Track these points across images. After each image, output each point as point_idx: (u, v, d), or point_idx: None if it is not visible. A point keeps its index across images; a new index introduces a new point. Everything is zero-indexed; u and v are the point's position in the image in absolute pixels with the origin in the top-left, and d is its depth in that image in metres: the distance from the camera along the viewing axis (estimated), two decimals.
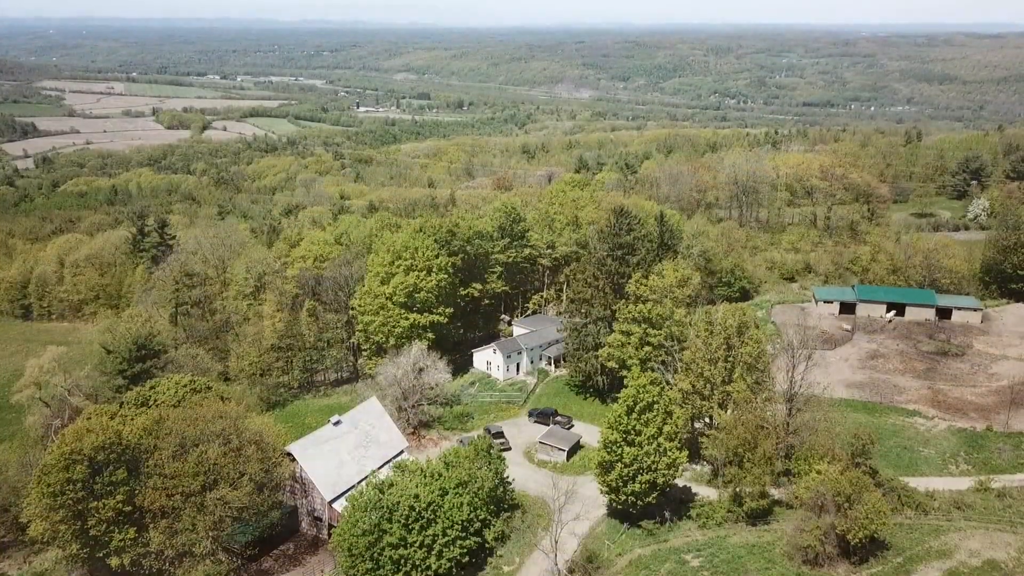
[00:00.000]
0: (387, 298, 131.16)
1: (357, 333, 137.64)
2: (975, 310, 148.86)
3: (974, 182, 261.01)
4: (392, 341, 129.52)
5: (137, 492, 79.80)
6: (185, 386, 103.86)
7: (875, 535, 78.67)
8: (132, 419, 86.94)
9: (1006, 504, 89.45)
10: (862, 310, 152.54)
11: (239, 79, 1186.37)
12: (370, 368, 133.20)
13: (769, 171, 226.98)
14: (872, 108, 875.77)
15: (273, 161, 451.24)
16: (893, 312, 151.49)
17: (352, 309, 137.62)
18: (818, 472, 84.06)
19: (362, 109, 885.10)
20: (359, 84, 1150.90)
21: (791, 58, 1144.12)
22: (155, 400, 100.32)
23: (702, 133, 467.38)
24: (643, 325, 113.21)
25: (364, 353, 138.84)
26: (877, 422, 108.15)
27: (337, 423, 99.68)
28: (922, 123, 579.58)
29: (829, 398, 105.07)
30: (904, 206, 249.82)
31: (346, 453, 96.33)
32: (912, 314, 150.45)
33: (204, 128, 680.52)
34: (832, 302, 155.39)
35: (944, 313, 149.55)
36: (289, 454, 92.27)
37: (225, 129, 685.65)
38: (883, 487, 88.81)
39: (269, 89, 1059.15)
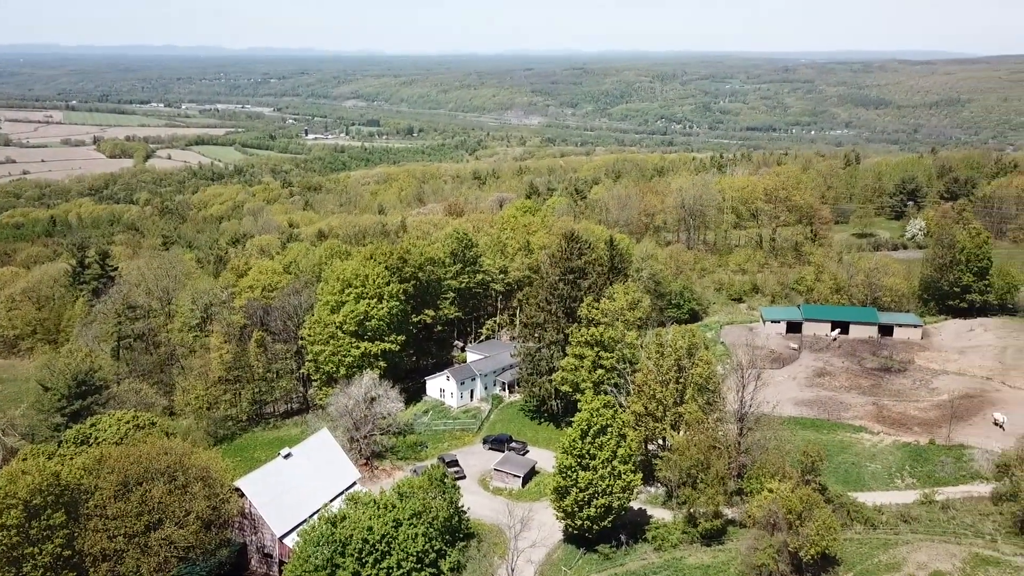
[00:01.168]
0: (337, 327, 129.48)
1: (307, 363, 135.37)
2: (915, 327, 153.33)
3: (911, 203, 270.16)
4: (343, 371, 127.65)
5: (77, 535, 76.55)
6: (128, 422, 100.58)
7: (826, 551, 79.71)
8: (71, 459, 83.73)
9: (950, 516, 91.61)
10: (808, 329, 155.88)
11: (184, 107, 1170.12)
12: (321, 399, 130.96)
13: (715, 194, 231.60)
14: (812, 132, 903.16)
15: (220, 190, 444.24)
16: (838, 330, 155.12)
17: (302, 339, 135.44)
18: (770, 490, 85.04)
19: (311, 136, 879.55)
20: (308, 111, 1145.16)
21: (734, 84, 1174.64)
22: (96, 438, 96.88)
23: (649, 158, 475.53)
24: (596, 348, 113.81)
25: (314, 383, 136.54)
26: (825, 439, 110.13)
27: (287, 456, 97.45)
28: (860, 146, 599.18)
29: (779, 416, 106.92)
30: (845, 227, 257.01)
31: (297, 487, 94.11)
32: (856, 332, 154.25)
33: (148, 157, 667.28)
34: (779, 322, 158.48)
35: (886, 330, 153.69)
36: (238, 489, 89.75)
37: (170, 158, 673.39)
38: (833, 503, 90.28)
39: (215, 117, 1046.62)
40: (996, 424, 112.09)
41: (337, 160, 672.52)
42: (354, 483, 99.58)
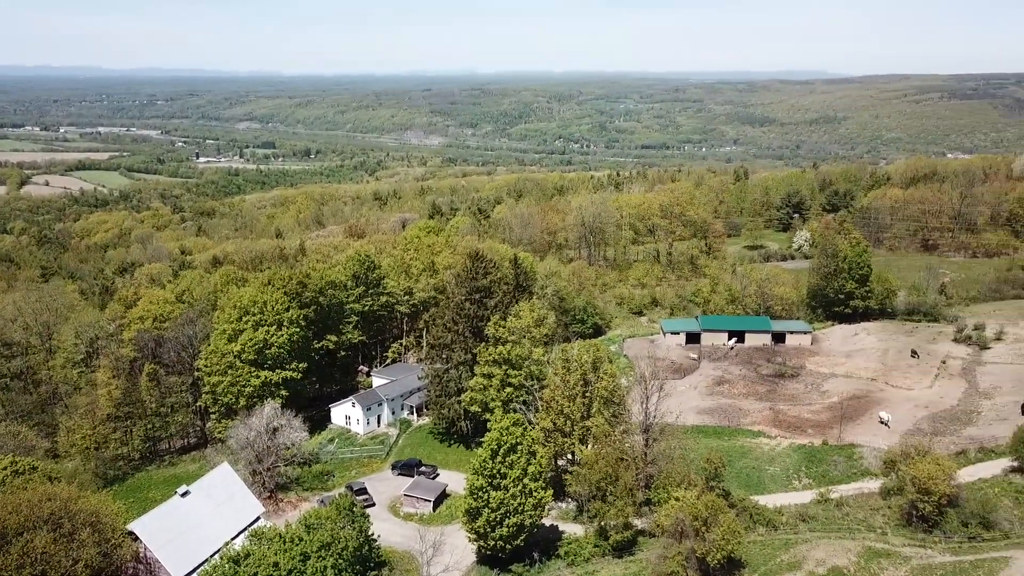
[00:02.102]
0: (235, 356, 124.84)
1: (204, 395, 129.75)
2: (806, 333, 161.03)
3: (796, 215, 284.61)
4: (243, 401, 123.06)
5: None
6: (5, 468, 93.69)
7: (732, 555, 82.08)
8: None
9: (844, 513, 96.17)
10: (706, 339, 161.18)
11: (62, 130, 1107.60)
12: (220, 432, 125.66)
13: (613, 212, 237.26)
14: (703, 149, 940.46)
15: (104, 217, 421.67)
16: (734, 339, 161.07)
17: (198, 370, 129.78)
18: (676, 499, 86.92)
19: (202, 160, 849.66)
20: (198, 134, 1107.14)
21: (628, 104, 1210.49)
22: None
23: (550, 177, 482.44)
24: (504, 366, 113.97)
25: (213, 416, 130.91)
26: (727, 445, 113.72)
27: (185, 494, 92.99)
28: (748, 162, 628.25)
29: (682, 426, 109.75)
30: (737, 239, 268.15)
31: (196, 526, 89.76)
32: (751, 340, 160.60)
33: (22, 183, 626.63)
34: (679, 333, 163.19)
35: (779, 337, 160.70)
36: (131, 533, 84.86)
37: (48, 184, 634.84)
38: (736, 508, 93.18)
39: (97, 140, 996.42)
40: (882, 422, 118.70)
41: (231, 183, 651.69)
42: (258, 518, 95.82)
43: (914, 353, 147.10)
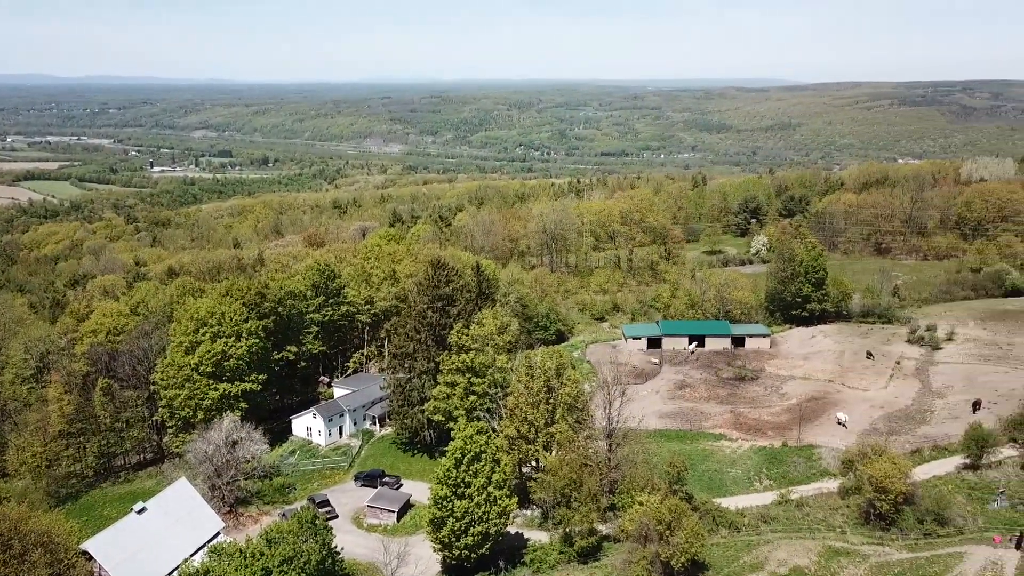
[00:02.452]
0: (193, 368, 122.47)
1: (161, 409, 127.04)
2: (764, 336, 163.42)
3: (754, 220, 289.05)
4: (201, 415, 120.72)
5: None
6: None
7: (696, 557, 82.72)
8: None
9: (804, 513, 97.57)
10: (667, 344, 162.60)
11: (9, 140, 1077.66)
12: (177, 446, 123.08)
13: (574, 218, 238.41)
14: (662, 156, 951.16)
15: (55, 228, 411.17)
16: (695, 344, 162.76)
17: (154, 384, 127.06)
18: (640, 503, 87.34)
19: (157, 169, 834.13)
20: (153, 143, 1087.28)
21: (587, 111, 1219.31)
22: None
23: (511, 184, 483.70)
24: (467, 375, 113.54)
25: (170, 430, 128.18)
26: (689, 448, 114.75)
27: (141, 511, 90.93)
28: (706, 168, 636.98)
29: (645, 430, 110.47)
30: (696, 245, 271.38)
31: (153, 543, 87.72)
32: (711, 344, 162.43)
33: None
34: (640, 338, 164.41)
35: (739, 341, 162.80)
36: (85, 552, 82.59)
37: None
38: (699, 511, 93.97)
39: (47, 150, 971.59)
40: (839, 423, 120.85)
41: (187, 193, 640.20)
42: (218, 533, 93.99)
43: (869, 354, 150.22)
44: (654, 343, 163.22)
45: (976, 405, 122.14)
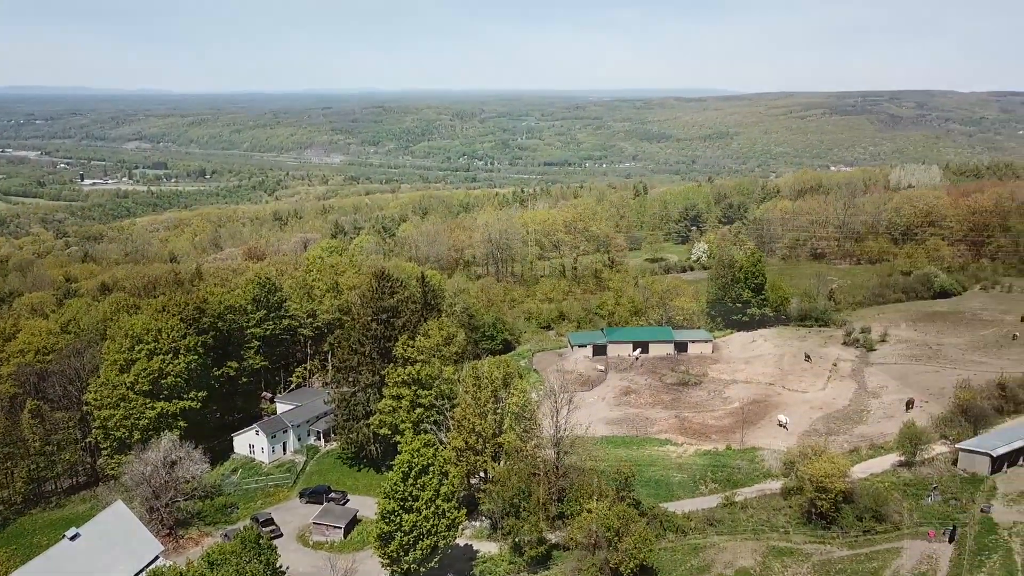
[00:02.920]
0: (128, 387, 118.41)
1: (94, 431, 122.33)
2: (707, 341, 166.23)
3: (694, 228, 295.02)
4: (137, 435, 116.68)
5: None
6: None
7: (644, 563, 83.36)
8: None
9: (748, 515, 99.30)
10: (612, 351, 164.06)
11: None
12: (113, 468, 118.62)
13: (519, 228, 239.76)
14: (604, 165, 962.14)
15: None
16: (639, 350, 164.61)
17: (87, 404, 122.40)
18: (588, 511, 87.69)
19: (88, 182, 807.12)
20: (83, 155, 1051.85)
21: (530, 121, 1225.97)
22: None
23: (455, 194, 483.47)
24: (413, 387, 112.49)
25: (104, 452, 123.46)
26: (636, 454, 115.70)
27: (74, 537, 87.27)
28: (647, 177, 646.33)
29: (592, 437, 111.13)
30: (639, 253, 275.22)
31: (87, 571, 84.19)
32: (655, 350, 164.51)
33: None
34: (586, 345, 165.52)
35: (682, 347, 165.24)
36: None
37: None
38: (647, 516, 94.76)
39: None
40: (781, 425, 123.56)
41: (120, 206, 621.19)
42: (156, 557, 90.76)
43: (807, 357, 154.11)
44: (600, 350, 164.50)
45: (909, 404, 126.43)
